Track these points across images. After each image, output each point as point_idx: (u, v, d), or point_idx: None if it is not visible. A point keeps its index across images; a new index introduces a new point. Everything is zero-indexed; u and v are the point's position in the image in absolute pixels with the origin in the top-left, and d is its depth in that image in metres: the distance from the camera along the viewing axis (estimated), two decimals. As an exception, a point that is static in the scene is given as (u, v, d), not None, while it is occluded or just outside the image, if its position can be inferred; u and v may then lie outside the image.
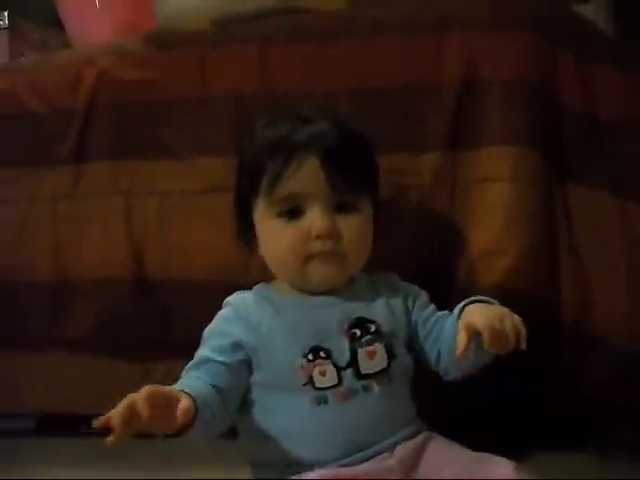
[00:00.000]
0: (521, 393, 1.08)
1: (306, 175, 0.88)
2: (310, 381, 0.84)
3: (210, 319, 0.95)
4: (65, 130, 1.30)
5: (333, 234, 0.87)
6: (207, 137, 1.22)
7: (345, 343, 0.87)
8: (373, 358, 0.87)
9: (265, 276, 1.00)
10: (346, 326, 0.88)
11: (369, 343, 0.87)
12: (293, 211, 0.89)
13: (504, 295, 0.96)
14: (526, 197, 1.06)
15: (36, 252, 1.27)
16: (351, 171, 0.89)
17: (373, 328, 0.89)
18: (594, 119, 1.10)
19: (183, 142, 1.23)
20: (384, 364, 0.87)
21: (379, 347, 0.88)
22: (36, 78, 1.36)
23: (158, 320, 1.21)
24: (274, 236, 0.90)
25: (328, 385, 0.84)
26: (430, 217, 1.11)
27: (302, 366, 0.85)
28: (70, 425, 1.33)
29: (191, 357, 0.89)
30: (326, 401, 0.84)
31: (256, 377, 0.88)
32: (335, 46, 1.21)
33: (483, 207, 1.08)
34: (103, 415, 0.69)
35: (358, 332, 0.88)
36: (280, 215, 0.89)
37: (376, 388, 0.86)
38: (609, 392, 1.07)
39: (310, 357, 0.85)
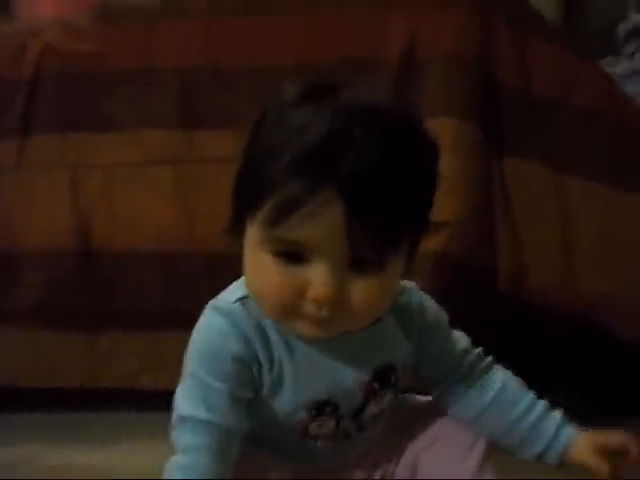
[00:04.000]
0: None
1: (323, 225, 0.61)
2: (304, 431, 0.71)
3: (155, 288, 0.94)
4: (10, 101, 1.29)
5: (335, 302, 0.64)
6: (151, 109, 1.23)
7: (359, 397, 0.71)
8: (379, 405, 0.73)
9: (209, 247, 1.00)
10: (367, 379, 0.71)
11: (383, 395, 0.73)
12: (293, 255, 0.64)
13: (442, 262, 0.99)
14: (464, 167, 1.09)
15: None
16: (388, 226, 0.62)
17: (393, 379, 0.73)
18: (529, 93, 1.13)
19: (127, 114, 1.24)
20: (386, 405, 0.74)
21: (390, 394, 0.73)
22: (-21, 49, 1.34)
23: (104, 290, 1.22)
24: (263, 274, 0.66)
25: (322, 433, 0.72)
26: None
27: (300, 420, 0.70)
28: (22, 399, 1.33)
29: (137, 327, 0.85)
30: (315, 440, 0.72)
31: None
32: (282, 20, 1.22)
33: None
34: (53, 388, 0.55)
35: (377, 386, 0.72)
36: (276, 254, 0.64)
37: (370, 427, 0.74)
38: (543, 357, 1.11)
39: (314, 413, 0.70)
